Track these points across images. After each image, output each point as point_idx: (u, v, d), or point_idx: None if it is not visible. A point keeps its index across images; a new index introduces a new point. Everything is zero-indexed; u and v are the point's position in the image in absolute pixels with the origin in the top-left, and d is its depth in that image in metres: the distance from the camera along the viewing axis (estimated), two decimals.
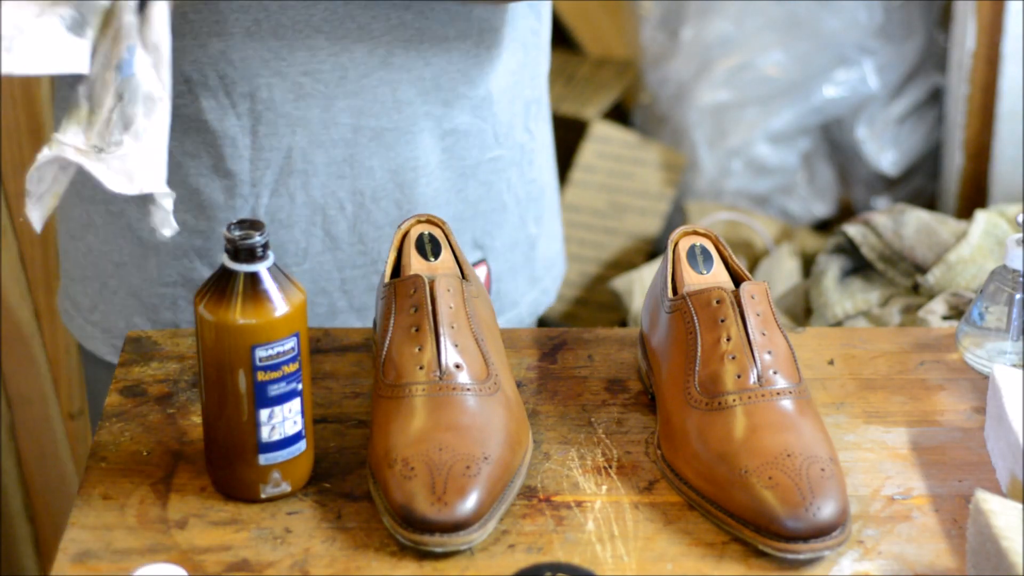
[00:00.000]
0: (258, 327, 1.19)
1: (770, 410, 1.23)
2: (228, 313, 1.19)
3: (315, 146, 1.45)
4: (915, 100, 2.75)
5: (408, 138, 1.48)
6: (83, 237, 1.54)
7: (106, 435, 1.32)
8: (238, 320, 1.19)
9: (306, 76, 1.42)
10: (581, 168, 2.79)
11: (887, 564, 1.18)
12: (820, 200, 2.83)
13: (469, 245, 1.56)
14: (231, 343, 1.19)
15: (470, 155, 1.53)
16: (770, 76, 2.74)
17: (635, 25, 2.90)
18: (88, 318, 1.57)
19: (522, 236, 1.62)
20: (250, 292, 1.19)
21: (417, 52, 1.44)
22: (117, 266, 1.52)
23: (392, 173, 1.49)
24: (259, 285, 1.19)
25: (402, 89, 1.46)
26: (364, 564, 1.18)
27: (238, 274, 1.19)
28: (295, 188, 1.46)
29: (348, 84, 1.44)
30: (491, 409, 1.25)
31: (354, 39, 1.42)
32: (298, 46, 1.40)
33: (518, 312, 1.64)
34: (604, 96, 2.91)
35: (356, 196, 1.48)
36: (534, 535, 1.21)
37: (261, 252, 1.19)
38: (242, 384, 1.20)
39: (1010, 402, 1.26)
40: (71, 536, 1.21)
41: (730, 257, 1.36)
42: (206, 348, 1.21)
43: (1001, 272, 1.39)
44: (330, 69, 1.42)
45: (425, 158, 1.50)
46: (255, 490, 1.24)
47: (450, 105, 1.49)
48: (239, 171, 1.45)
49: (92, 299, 1.55)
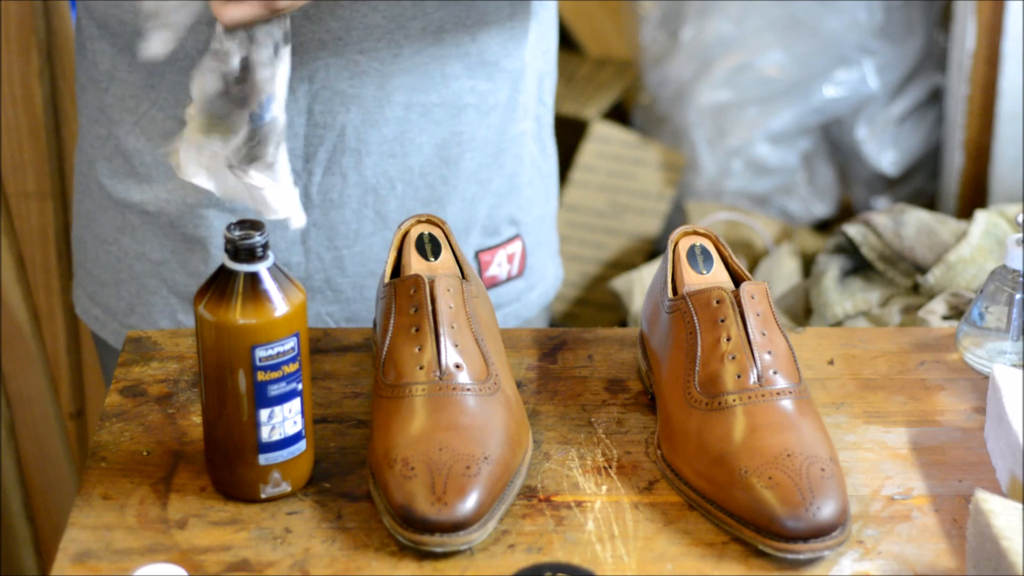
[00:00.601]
0: (258, 327, 1.19)
1: (770, 410, 1.23)
2: (228, 313, 1.19)
3: (368, 125, 1.46)
4: (915, 100, 2.75)
5: (454, 112, 1.49)
6: (117, 240, 1.54)
7: (106, 435, 1.32)
8: (238, 320, 1.19)
9: (362, 54, 1.43)
10: (581, 168, 2.79)
11: (887, 564, 1.18)
12: (820, 200, 2.83)
13: (506, 221, 1.58)
14: (231, 343, 1.19)
15: (507, 129, 1.54)
16: (770, 76, 2.74)
17: (635, 25, 2.91)
18: (125, 322, 1.56)
19: (547, 210, 1.65)
20: (250, 292, 1.19)
21: (464, 27, 1.46)
22: (157, 265, 1.52)
23: (438, 148, 1.50)
24: (259, 285, 1.19)
25: (450, 64, 1.47)
26: (364, 564, 1.18)
27: (238, 274, 1.19)
28: (348, 167, 1.47)
29: (402, 61, 1.45)
30: (491, 409, 1.25)
31: (409, 16, 1.43)
32: (355, 24, 1.41)
33: (545, 288, 1.66)
34: (604, 96, 2.91)
35: (406, 174, 1.50)
36: (534, 535, 1.21)
37: (261, 252, 1.19)
38: (242, 384, 1.20)
39: (1010, 402, 1.26)
40: (71, 536, 1.21)
41: (730, 257, 1.36)
42: (206, 348, 1.21)
43: (1001, 272, 1.39)
44: (386, 47, 1.43)
45: (470, 132, 1.51)
46: (255, 490, 1.24)
47: (492, 79, 1.51)
48: (292, 148, 1.45)
49: (129, 302, 1.55)
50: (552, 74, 1.62)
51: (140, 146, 1.49)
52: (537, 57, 1.57)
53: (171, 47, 1.27)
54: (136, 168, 1.50)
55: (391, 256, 1.37)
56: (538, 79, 1.59)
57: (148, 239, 1.52)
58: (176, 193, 1.49)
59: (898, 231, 1.96)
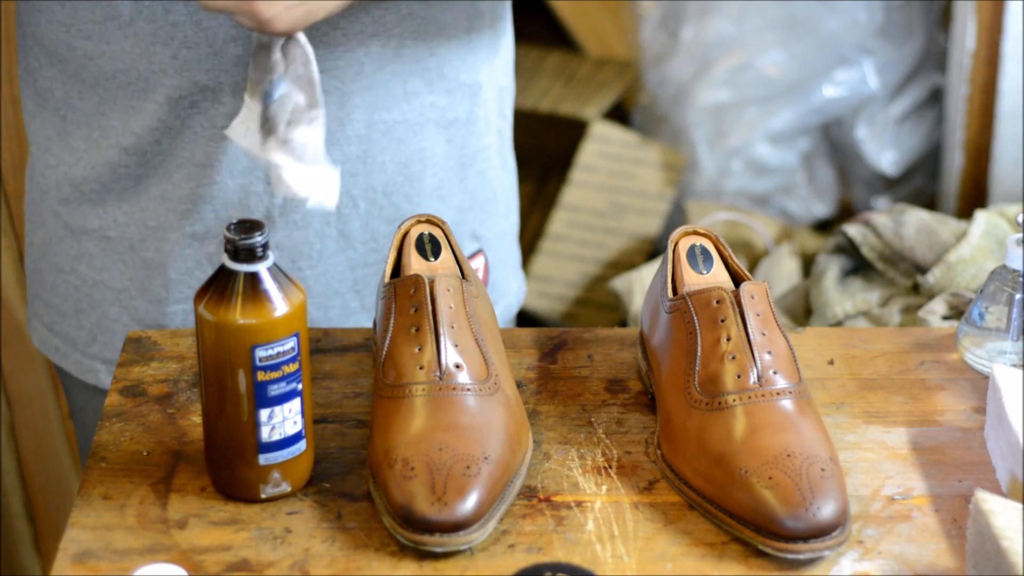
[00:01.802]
0: (258, 327, 1.19)
1: (770, 410, 1.23)
2: (228, 313, 1.19)
3: (330, 144, 1.45)
4: (915, 100, 2.75)
5: (416, 129, 1.49)
6: (75, 269, 1.52)
7: (106, 435, 1.32)
8: (238, 320, 1.19)
9: (323, 73, 1.42)
10: (581, 168, 2.79)
11: (887, 564, 1.18)
12: (820, 200, 2.83)
13: (468, 236, 1.57)
14: (231, 343, 1.19)
15: (468, 144, 1.54)
16: (770, 76, 2.74)
17: (635, 25, 2.91)
18: (86, 351, 1.54)
19: (508, 225, 1.64)
20: (250, 292, 1.19)
21: (424, 42, 1.45)
22: (117, 292, 1.51)
23: (402, 166, 1.49)
24: (259, 285, 1.19)
25: (411, 80, 1.47)
26: (364, 564, 1.18)
27: (238, 274, 1.19)
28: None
29: (363, 79, 1.44)
30: (491, 409, 1.25)
31: (369, 33, 1.43)
32: (315, 44, 1.40)
33: (508, 302, 1.66)
34: (604, 96, 2.92)
35: (369, 192, 1.49)
36: (534, 535, 1.21)
37: (261, 252, 1.19)
38: (242, 384, 1.20)
39: (1010, 402, 1.26)
40: (71, 536, 1.21)
41: (730, 257, 1.36)
42: (206, 348, 1.21)
43: (1001, 272, 1.39)
44: (346, 64, 1.43)
45: (431, 149, 1.51)
46: (255, 490, 1.24)
47: (452, 94, 1.50)
48: (254, 169, 1.45)
49: (90, 331, 1.54)
50: (511, 87, 1.62)
51: (92, 172, 1.47)
52: (496, 70, 1.57)
53: None
54: (87, 195, 1.48)
55: (391, 256, 1.37)
56: (498, 92, 1.58)
57: (107, 266, 1.50)
58: (134, 216, 1.47)
59: (898, 231, 1.96)
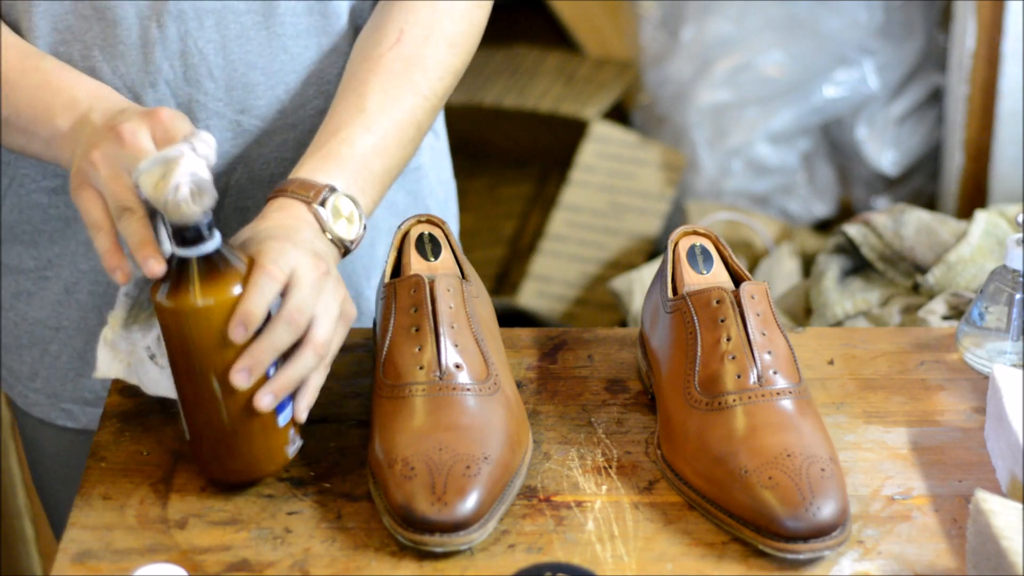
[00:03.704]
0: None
1: (770, 410, 1.23)
2: (224, 292, 1.17)
3: (254, 183, 1.43)
4: (915, 100, 2.75)
5: None
6: (14, 307, 1.51)
7: (106, 435, 1.32)
8: (233, 292, 1.17)
9: (243, 114, 1.40)
10: (581, 168, 2.79)
11: (887, 564, 1.18)
12: (820, 200, 2.83)
13: None
14: (223, 319, 1.17)
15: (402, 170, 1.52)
16: (770, 76, 2.74)
17: (635, 25, 2.91)
18: (29, 386, 1.53)
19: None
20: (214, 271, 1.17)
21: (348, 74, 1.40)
22: (56, 331, 1.50)
23: None
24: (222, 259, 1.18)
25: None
26: (364, 564, 1.18)
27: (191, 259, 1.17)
28: (237, 226, 1.41)
29: (286, 117, 1.42)
30: (491, 409, 1.25)
31: (289, 70, 1.40)
32: (235, 85, 1.39)
33: None
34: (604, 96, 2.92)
35: None
36: (534, 535, 1.21)
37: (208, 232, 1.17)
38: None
39: (1010, 402, 1.26)
40: (71, 536, 1.21)
41: (730, 257, 1.36)
42: (198, 338, 1.18)
43: (1001, 272, 1.39)
44: (266, 104, 1.41)
45: None
46: (281, 455, 1.23)
47: None
48: None
49: (32, 367, 1.52)
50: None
51: (22, 215, 1.46)
52: None
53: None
54: (20, 236, 1.47)
55: (391, 256, 1.37)
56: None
57: (45, 305, 1.49)
58: (66, 259, 1.46)
59: (898, 231, 1.96)
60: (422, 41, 1.36)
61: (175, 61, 1.37)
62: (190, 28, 1.35)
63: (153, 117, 1.20)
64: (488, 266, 2.80)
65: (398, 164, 1.34)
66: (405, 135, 1.34)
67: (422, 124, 1.36)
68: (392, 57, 1.34)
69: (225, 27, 1.36)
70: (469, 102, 2.99)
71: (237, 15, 1.36)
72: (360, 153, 1.30)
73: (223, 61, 1.38)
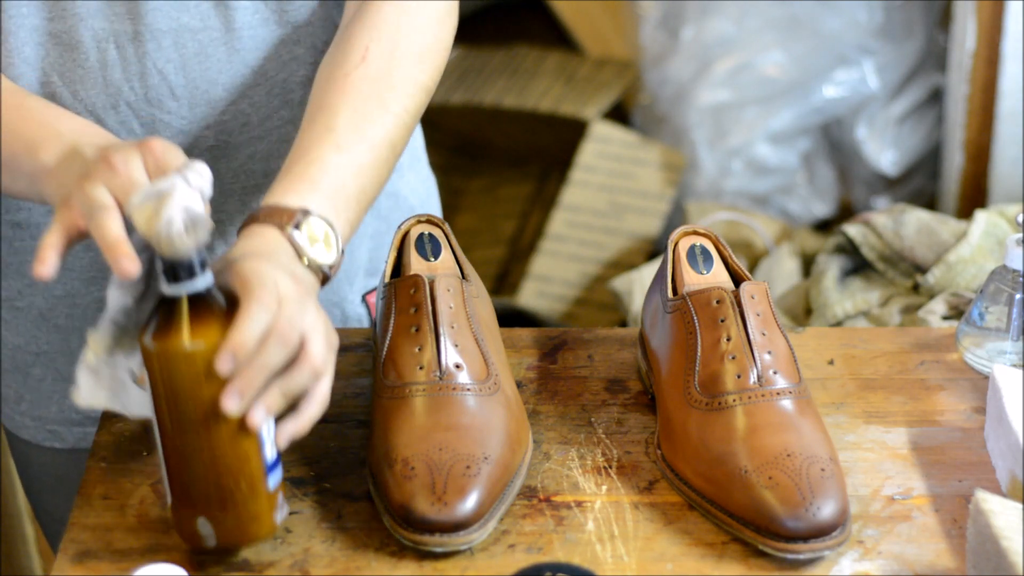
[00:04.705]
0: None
1: (770, 410, 1.23)
2: (215, 334, 1.10)
3: (226, 196, 1.42)
4: (915, 100, 2.75)
5: None
6: None
7: (106, 435, 1.32)
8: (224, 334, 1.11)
9: (208, 129, 1.39)
10: (581, 168, 2.79)
11: (887, 564, 1.18)
12: (820, 200, 2.83)
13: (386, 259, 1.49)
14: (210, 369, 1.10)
15: None
16: (770, 76, 2.74)
17: (635, 25, 2.91)
18: (16, 408, 1.53)
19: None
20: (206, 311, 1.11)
21: (312, 85, 1.37)
22: (37, 355, 1.49)
23: None
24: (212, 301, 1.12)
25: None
26: (364, 564, 1.18)
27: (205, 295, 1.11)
28: (214, 241, 1.42)
29: (252, 130, 1.41)
30: (491, 409, 1.25)
31: (252, 84, 1.39)
32: (197, 102, 1.37)
33: None
34: (604, 96, 2.92)
35: None
36: (534, 535, 1.21)
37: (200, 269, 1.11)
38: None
39: (1010, 402, 1.26)
40: (71, 536, 1.21)
41: (730, 257, 1.36)
42: (186, 384, 1.11)
43: (1001, 272, 1.39)
44: (231, 119, 1.39)
45: None
46: (268, 520, 1.17)
47: None
48: None
49: (16, 391, 1.52)
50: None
51: None
52: None
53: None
54: None
55: (391, 256, 1.37)
56: None
57: (23, 331, 1.48)
58: (39, 287, 1.45)
59: (898, 231, 1.96)
60: (388, 58, 1.31)
61: (135, 82, 1.35)
62: (148, 49, 1.34)
63: (145, 148, 1.16)
64: (488, 266, 2.79)
65: (373, 184, 1.29)
66: (379, 155, 1.29)
67: (396, 143, 1.31)
68: (359, 76, 1.30)
69: (183, 45, 1.35)
70: (469, 102, 2.98)
71: (194, 32, 1.35)
72: (333, 173, 1.24)
73: (184, 80, 1.36)
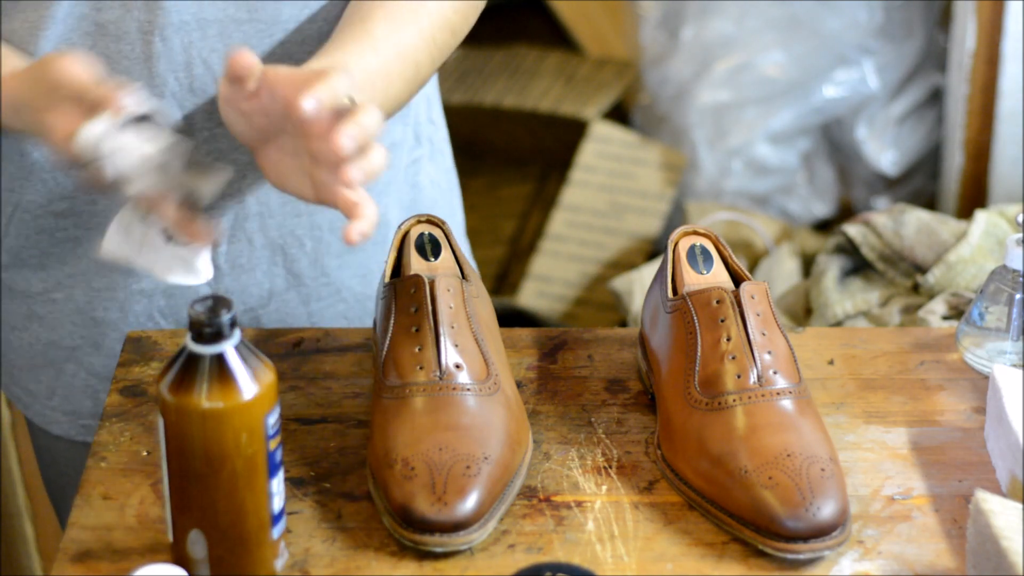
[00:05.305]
0: (264, 396, 1.12)
1: (770, 410, 1.23)
2: (234, 394, 1.10)
3: (268, 187, 1.42)
4: (915, 100, 2.75)
5: None
6: (27, 328, 1.49)
7: (106, 435, 1.32)
8: (244, 398, 1.11)
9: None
10: (581, 168, 2.79)
11: (887, 564, 1.18)
12: (820, 200, 2.83)
13: None
14: (240, 420, 1.11)
15: (400, 162, 1.51)
16: (770, 76, 2.74)
17: (635, 25, 2.91)
18: (47, 404, 1.52)
19: (453, 224, 1.60)
20: (227, 372, 1.11)
21: None
22: (71, 350, 1.49)
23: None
24: (233, 360, 1.11)
25: None
26: (364, 564, 1.18)
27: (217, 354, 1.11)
28: (252, 231, 1.44)
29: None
30: (491, 409, 1.25)
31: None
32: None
33: None
34: (604, 96, 2.92)
35: (315, 231, 1.46)
36: (534, 535, 1.21)
37: (229, 331, 1.10)
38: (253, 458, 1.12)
39: (1010, 402, 1.26)
40: (71, 536, 1.21)
41: (730, 257, 1.36)
42: (201, 442, 1.11)
43: (1001, 272, 1.39)
44: None
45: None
46: (268, 567, 1.17)
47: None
48: None
49: (49, 386, 1.51)
50: (436, 91, 1.58)
51: (28, 241, 1.45)
52: None
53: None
54: (27, 261, 1.46)
55: (391, 256, 1.37)
56: (426, 103, 1.55)
57: (58, 326, 1.48)
58: (79, 279, 1.45)
59: (898, 231, 1.96)
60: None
61: (179, 73, 1.36)
62: (193, 39, 1.35)
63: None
64: (488, 266, 2.79)
65: (398, 96, 1.32)
66: (407, 68, 1.31)
67: (421, 66, 1.33)
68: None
69: (228, 36, 1.35)
70: (469, 102, 2.98)
71: (239, 24, 1.36)
72: (364, 70, 1.27)
73: None
